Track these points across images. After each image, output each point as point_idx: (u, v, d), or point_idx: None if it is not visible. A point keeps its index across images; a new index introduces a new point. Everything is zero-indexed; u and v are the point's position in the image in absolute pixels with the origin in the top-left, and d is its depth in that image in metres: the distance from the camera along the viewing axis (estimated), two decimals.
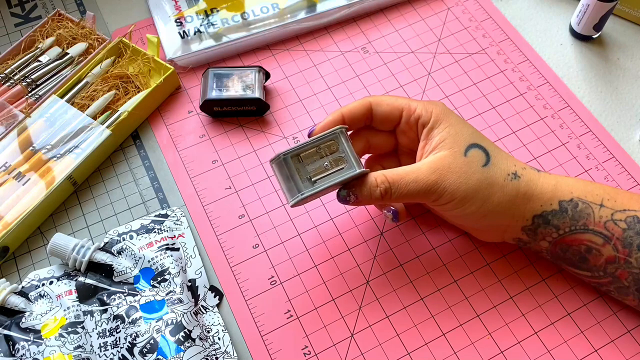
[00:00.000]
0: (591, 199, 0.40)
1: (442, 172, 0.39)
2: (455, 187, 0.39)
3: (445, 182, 0.39)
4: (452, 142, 0.40)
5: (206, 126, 0.54)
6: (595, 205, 0.40)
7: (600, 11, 0.54)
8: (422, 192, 0.39)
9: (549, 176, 0.42)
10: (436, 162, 0.39)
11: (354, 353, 0.43)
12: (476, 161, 0.40)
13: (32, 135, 0.51)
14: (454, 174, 0.39)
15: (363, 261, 0.46)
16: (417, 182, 0.39)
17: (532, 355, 0.42)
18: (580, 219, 0.40)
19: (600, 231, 0.39)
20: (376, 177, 0.39)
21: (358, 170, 0.39)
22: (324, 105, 0.54)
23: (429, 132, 0.41)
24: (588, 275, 0.42)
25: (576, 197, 0.40)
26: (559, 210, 0.40)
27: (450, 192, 0.39)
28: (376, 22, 0.59)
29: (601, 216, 0.40)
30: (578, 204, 0.40)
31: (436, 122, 0.41)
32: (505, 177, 0.40)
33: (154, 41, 0.54)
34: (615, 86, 0.55)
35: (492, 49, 0.57)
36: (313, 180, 0.39)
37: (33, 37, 0.56)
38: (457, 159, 0.39)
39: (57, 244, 0.45)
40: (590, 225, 0.40)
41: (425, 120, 0.41)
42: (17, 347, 0.42)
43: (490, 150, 0.41)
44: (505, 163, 0.41)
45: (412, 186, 0.39)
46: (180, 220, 0.48)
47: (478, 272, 0.46)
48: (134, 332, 0.42)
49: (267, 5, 0.58)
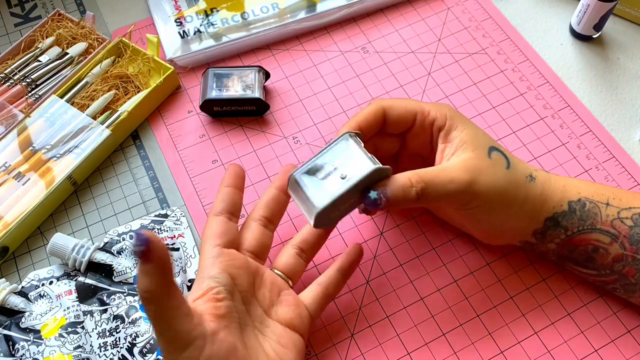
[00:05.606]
0: (598, 198, 0.40)
1: (475, 173, 0.38)
2: (489, 189, 0.38)
3: (478, 182, 0.37)
4: (474, 144, 0.39)
5: (206, 126, 0.54)
6: (602, 204, 0.40)
7: (600, 11, 0.54)
8: (459, 193, 0.37)
9: (558, 177, 0.42)
10: (466, 163, 0.38)
11: (354, 353, 0.43)
12: (500, 164, 0.39)
13: (32, 135, 0.51)
14: (485, 175, 0.38)
15: (363, 261, 0.46)
16: (453, 182, 0.37)
17: (532, 355, 0.42)
18: (587, 218, 0.40)
19: (608, 230, 0.39)
20: (409, 177, 0.36)
21: (375, 166, 0.36)
22: (324, 105, 0.54)
23: (446, 135, 0.40)
24: (594, 274, 0.42)
25: (583, 197, 0.40)
26: (568, 211, 0.40)
27: (485, 193, 0.38)
28: (376, 22, 0.59)
29: (608, 215, 0.40)
30: (585, 203, 0.40)
31: (452, 124, 0.40)
32: (524, 180, 0.40)
33: (154, 41, 0.54)
34: (615, 86, 0.55)
35: (492, 49, 0.57)
36: (330, 193, 0.36)
37: (33, 37, 0.56)
38: (484, 160, 0.38)
39: (56, 244, 0.45)
40: (597, 225, 0.40)
41: (441, 123, 0.40)
42: (17, 347, 0.42)
43: (507, 153, 0.41)
44: (521, 165, 0.41)
45: (450, 187, 0.37)
46: (180, 220, 0.48)
47: (478, 272, 0.46)
48: (133, 332, 0.42)
49: (267, 5, 0.58)
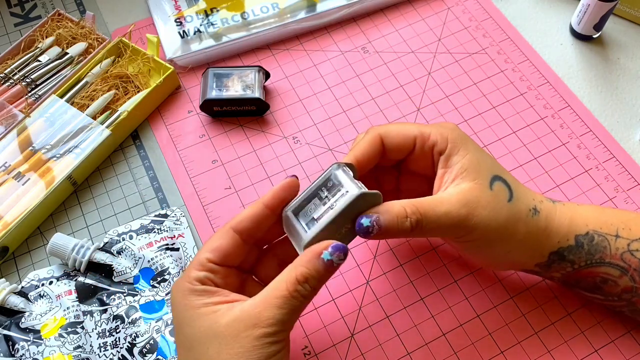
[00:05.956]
0: (606, 230, 0.38)
1: (472, 206, 0.36)
2: (486, 224, 0.36)
3: (476, 217, 0.36)
4: (476, 173, 0.37)
5: (206, 126, 0.54)
6: (611, 236, 0.38)
7: (600, 11, 0.54)
8: (453, 227, 0.35)
9: (564, 208, 0.39)
10: (464, 195, 0.36)
11: (354, 353, 0.43)
12: (502, 196, 0.37)
13: (32, 135, 0.51)
14: (484, 209, 0.36)
15: (363, 261, 0.46)
16: (448, 215, 0.35)
17: (532, 355, 0.42)
18: (596, 252, 0.38)
19: (617, 263, 0.38)
20: (405, 206, 0.35)
21: (360, 191, 0.34)
22: (323, 105, 0.54)
23: (447, 160, 0.37)
24: (601, 299, 0.40)
25: (592, 230, 0.38)
26: (574, 246, 0.38)
27: (482, 228, 0.36)
28: (376, 22, 0.59)
29: (617, 248, 0.38)
30: (594, 237, 0.38)
31: (453, 148, 0.37)
32: (527, 213, 0.37)
33: (154, 41, 0.54)
34: (615, 86, 0.55)
35: (492, 49, 0.57)
36: (317, 225, 0.35)
37: (33, 37, 0.56)
38: (485, 192, 0.36)
39: (56, 244, 0.45)
40: (606, 259, 0.38)
41: (442, 147, 0.38)
42: (17, 347, 0.42)
43: (511, 183, 0.38)
44: (525, 197, 0.38)
45: (444, 220, 0.35)
46: (180, 220, 0.48)
47: (478, 272, 0.46)
48: (133, 332, 0.42)
49: (267, 5, 0.58)
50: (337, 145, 0.52)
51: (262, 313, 0.32)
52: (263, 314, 0.32)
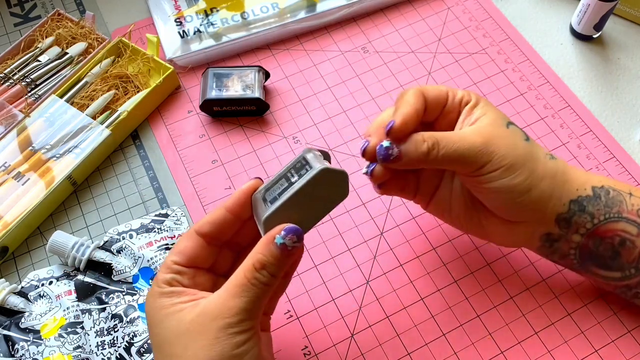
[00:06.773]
0: (620, 187, 0.40)
1: (489, 137, 0.38)
2: (504, 152, 0.37)
3: (493, 145, 0.37)
4: (493, 117, 0.39)
5: (206, 126, 0.54)
6: (625, 193, 0.40)
7: (600, 11, 0.54)
8: (471, 154, 0.37)
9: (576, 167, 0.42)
10: (480, 128, 0.38)
11: (354, 353, 0.43)
12: (518, 135, 0.39)
13: (32, 135, 0.51)
14: (501, 139, 0.38)
15: (363, 261, 0.46)
16: (465, 140, 0.37)
17: (532, 355, 0.42)
18: (613, 205, 0.39)
19: (634, 219, 0.39)
20: (422, 134, 0.37)
21: (322, 167, 0.33)
22: (323, 105, 0.54)
23: (471, 109, 0.40)
24: (617, 277, 0.40)
25: (606, 185, 0.40)
26: (593, 197, 0.39)
27: (500, 156, 0.37)
28: (376, 22, 0.59)
29: (633, 204, 0.39)
30: (609, 191, 0.39)
31: (478, 101, 0.40)
32: (544, 155, 0.39)
33: (154, 41, 0.54)
34: (615, 86, 0.55)
35: (493, 49, 0.57)
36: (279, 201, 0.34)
37: (32, 37, 0.56)
38: (500, 128, 0.39)
39: (56, 242, 0.45)
40: (624, 213, 0.39)
41: (468, 99, 0.40)
42: (17, 347, 0.42)
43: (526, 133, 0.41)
44: (540, 147, 0.40)
45: (460, 145, 0.37)
46: (180, 220, 0.48)
47: (478, 272, 0.46)
48: (131, 332, 0.42)
49: (267, 5, 0.58)
50: (337, 145, 0.52)
51: (224, 304, 0.32)
52: (225, 305, 0.32)
